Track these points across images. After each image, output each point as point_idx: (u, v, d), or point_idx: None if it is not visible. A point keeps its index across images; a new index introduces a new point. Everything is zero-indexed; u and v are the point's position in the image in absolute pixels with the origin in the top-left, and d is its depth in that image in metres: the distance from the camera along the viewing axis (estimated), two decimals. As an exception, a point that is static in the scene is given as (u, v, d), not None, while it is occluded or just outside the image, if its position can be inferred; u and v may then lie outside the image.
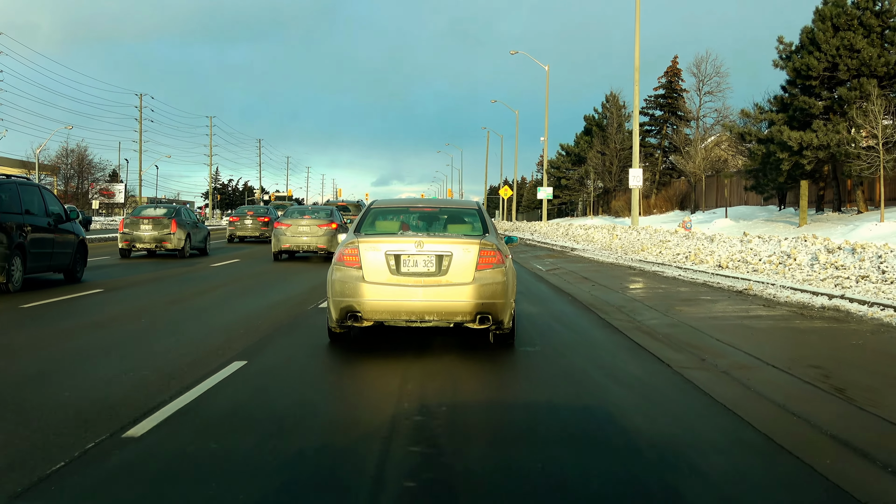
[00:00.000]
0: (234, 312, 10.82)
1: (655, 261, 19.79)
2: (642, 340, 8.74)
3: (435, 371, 6.98)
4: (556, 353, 7.96)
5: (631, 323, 10.13)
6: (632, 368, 7.27)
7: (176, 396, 5.74)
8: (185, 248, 22.53)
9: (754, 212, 35.99)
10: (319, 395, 6.22)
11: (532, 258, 24.97)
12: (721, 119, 43.94)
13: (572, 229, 35.08)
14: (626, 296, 13.34)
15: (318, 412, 5.62)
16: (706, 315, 10.77)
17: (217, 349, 7.77)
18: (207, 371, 6.67)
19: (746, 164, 30.04)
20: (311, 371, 7.11)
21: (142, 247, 22.24)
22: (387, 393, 6.20)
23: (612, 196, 62.96)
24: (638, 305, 11.91)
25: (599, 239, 28.57)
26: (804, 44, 26.61)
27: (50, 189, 14.70)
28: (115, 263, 20.80)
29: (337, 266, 7.55)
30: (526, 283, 16.44)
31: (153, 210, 23.42)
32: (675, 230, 21.30)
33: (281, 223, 22.29)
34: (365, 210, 8.71)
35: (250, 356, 7.41)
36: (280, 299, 12.47)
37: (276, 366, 7.19)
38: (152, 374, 6.52)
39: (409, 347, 8.06)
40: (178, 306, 11.43)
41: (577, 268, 19.94)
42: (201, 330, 9.15)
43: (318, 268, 19.67)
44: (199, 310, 11.09)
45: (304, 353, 7.88)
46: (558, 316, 10.96)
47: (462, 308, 7.23)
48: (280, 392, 6.17)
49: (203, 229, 24.90)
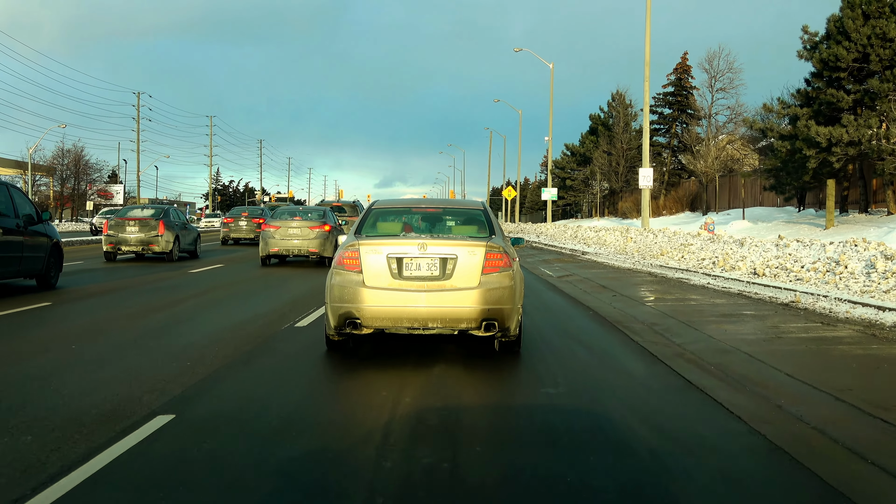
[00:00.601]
0: (194, 333, 9.05)
1: (678, 266, 17.99)
2: (691, 374, 6.95)
3: (426, 432, 5.20)
4: (585, 398, 6.18)
5: (669, 347, 8.35)
6: (692, 424, 5.44)
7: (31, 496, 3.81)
8: (173, 251, 21.34)
9: (771, 213, 34.17)
10: (261, 480, 4.20)
11: (540, 262, 23.17)
12: (734, 117, 42.18)
13: (581, 231, 33.28)
14: (655, 309, 11.55)
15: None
16: (758, 336, 8.98)
17: (147, 391, 5.98)
18: (120, 429, 4.90)
19: (765, 163, 28.22)
20: (261, 429, 5.28)
21: (127, 249, 21.05)
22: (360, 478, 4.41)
23: (619, 197, 61.19)
24: (672, 322, 10.13)
25: (612, 242, 26.77)
26: (831, 33, 24.81)
27: (19, 188, 13.06)
28: (96, 267, 19.49)
29: (336, 270, 7.17)
30: (537, 292, 14.67)
31: (140, 211, 22.23)
32: (696, 233, 19.57)
33: (269, 225, 20.57)
34: (366, 211, 8.31)
35: (183, 406, 5.61)
36: (253, 315, 10.71)
37: (211, 424, 5.25)
38: (32, 442, 4.71)
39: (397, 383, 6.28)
40: (132, 324, 9.66)
41: (591, 274, 18.15)
42: (141, 361, 7.35)
43: (308, 274, 17.96)
44: (152, 329, 9.32)
45: (260, 395, 6.07)
46: (580, 336, 9.18)
47: (467, 314, 6.86)
48: (196, 481, 4.22)
49: (193, 231, 23.70)
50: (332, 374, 6.97)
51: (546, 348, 8.20)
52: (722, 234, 18.75)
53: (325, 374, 7.00)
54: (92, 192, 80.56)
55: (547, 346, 8.31)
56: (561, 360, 7.60)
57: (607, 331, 9.66)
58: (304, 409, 5.76)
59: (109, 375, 6.62)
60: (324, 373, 7.03)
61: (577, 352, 8.18)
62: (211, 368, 6.95)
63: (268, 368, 7.11)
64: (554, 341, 8.73)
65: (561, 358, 7.69)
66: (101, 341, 8.41)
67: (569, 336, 9.28)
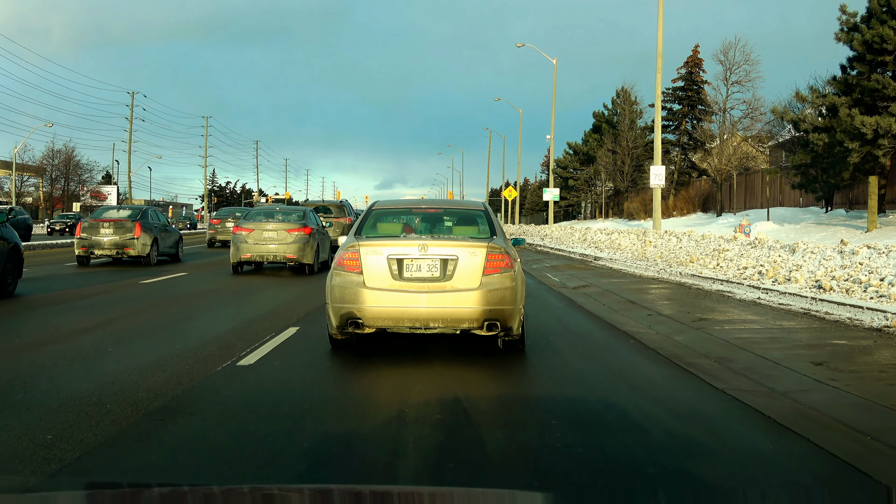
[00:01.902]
0: (88, 379, 6.43)
1: (714, 276, 15.38)
2: (857, 461, 4.33)
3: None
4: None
5: (776, 400, 5.74)
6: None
7: None
8: (150, 255, 19.76)
9: (795, 214, 31.59)
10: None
11: (549, 269, 20.55)
12: (750, 112, 39.52)
13: (591, 234, 30.65)
14: (713, 335, 8.94)
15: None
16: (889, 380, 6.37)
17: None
18: None
19: (794, 159, 25.63)
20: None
21: (101, 253, 19.49)
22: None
23: (624, 197, 58.57)
24: (748, 358, 7.51)
25: (628, 246, 24.13)
26: (874, 12, 22.21)
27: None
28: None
29: (336, 271, 7.19)
30: (552, 308, 12.04)
31: (115, 212, 20.82)
32: (731, 236, 17.00)
33: (241, 227, 17.85)
34: (366, 211, 8.23)
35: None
36: (192, 344, 8.11)
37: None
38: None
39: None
40: (12, 363, 7.04)
41: (612, 285, 15.54)
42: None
43: (281, 285, 15.37)
44: (34, 370, 6.68)
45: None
46: (636, 383, 6.54)
47: (469, 315, 6.87)
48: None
49: (174, 233, 22.27)
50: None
51: (601, 413, 5.59)
52: (764, 238, 16.17)
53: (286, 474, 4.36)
54: (84, 193, 78.16)
55: (603, 409, 5.69)
56: (640, 440, 4.96)
57: (673, 374, 7.03)
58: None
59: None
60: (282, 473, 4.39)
61: (653, 418, 5.52)
62: (81, 448, 4.36)
63: (167, 449, 4.46)
64: (609, 398, 6.09)
65: (635, 436, 5.06)
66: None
67: (616, 379, 6.69)
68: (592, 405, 5.74)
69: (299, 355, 7.70)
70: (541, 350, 7.99)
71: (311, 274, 17.68)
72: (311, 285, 15.83)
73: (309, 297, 13.16)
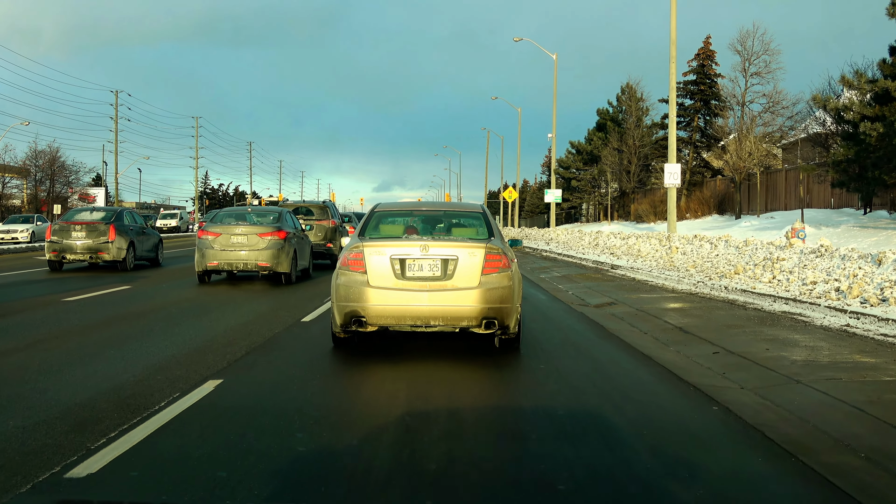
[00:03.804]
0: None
1: (772, 292, 12.40)
2: None
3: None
4: None
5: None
6: None
7: None
8: (126, 259, 18.59)
9: (829, 216, 28.60)
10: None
11: (561, 280, 17.55)
12: (771, 106, 36.46)
13: (603, 238, 27.61)
14: (834, 396, 5.95)
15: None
16: None
17: None
18: None
19: (837, 153, 22.67)
20: None
21: (74, 258, 18.22)
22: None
23: (631, 199, 55.61)
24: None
25: (649, 252, 21.10)
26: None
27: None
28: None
29: (341, 270, 7.30)
30: (576, 338, 9.04)
31: (88, 214, 19.75)
32: (785, 242, 13.99)
33: (207, 231, 15.46)
34: (369, 213, 8.44)
35: None
36: (87, 396, 5.16)
37: None
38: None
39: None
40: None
41: (643, 302, 12.56)
42: None
43: (245, 301, 12.58)
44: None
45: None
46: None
47: (468, 313, 7.07)
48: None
49: (153, 236, 21.16)
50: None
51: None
52: (829, 245, 13.20)
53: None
54: (73, 195, 75.62)
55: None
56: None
57: (805, 484, 4.02)
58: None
59: None
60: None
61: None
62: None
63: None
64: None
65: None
66: None
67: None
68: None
69: (181, 461, 4.58)
70: (584, 433, 5.02)
71: (287, 284, 15.39)
72: (282, 299, 13.06)
73: (269, 319, 10.27)
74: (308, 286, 15.50)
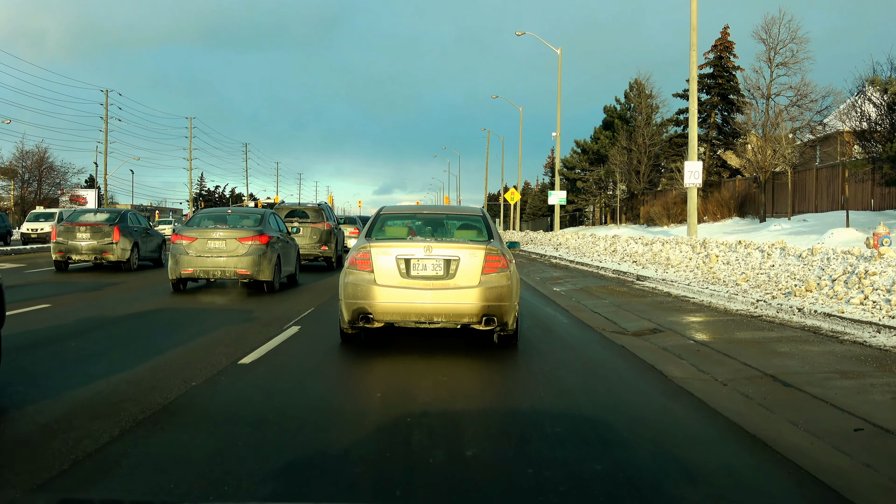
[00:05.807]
0: None
1: (871, 319, 9.38)
2: None
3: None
4: None
5: None
6: None
7: None
8: (131, 260, 18.98)
9: (873, 218, 25.54)
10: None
11: (580, 294, 14.49)
12: (799, 99, 33.38)
13: (621, 243, 24.55)
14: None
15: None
16: None
17: None
18: None
19: (891, 148, 19.66)
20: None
21: (79, 259, 18.56)
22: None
23: (640, 201, 52.54)
24: None
25: (681, 260, 18.03)
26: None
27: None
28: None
29: (349, 269, 7.60)
30: (630, 398, 5.97)
31: (92, 216, 20.00)
32: (869, 252, 11.05)
33: (181, 235, 13.91)
34: (374, 216, 8.65)
35: None
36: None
37: None
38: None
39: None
40: None
41: (695, 329, 9.53)
42: None
43: (214, 314, 10.08)
44: None
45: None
46: None
47: (469, 310, 7.39)
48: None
49: (156, 237, 21.55)
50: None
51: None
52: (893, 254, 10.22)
53: None
54: (64, 196, 73.09)
55: None
56: None
57: None
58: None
59: None
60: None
61: None
62: None
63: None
64: None
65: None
66: None
67: None
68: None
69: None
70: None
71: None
72: (258, 311, 10.44)
73: (225, 345, 7.22)
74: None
